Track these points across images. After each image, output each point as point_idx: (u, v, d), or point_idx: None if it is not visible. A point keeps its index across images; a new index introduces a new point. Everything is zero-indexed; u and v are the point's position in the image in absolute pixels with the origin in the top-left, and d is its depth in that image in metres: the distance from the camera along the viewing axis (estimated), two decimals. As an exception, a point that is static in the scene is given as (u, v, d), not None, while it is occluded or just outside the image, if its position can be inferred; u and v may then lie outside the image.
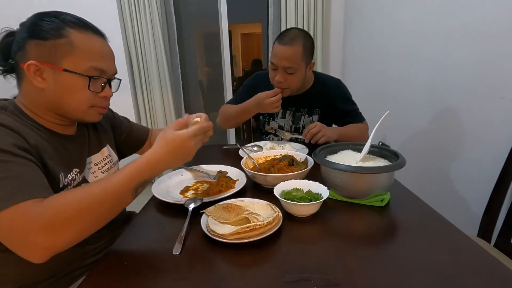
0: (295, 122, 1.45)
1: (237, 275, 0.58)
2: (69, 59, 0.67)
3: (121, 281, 0.56)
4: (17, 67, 0.69)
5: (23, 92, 0.71)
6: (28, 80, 0.67)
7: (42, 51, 0.65)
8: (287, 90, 1.30)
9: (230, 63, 2.60)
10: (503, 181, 1.10)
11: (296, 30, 1.27)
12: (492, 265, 0.57)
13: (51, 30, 0.66)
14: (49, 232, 0.53)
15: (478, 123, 1.29)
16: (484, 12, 1.24)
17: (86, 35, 0.69)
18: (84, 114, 0.73)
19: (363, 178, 0.79)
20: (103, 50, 0.72)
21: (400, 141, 1.81)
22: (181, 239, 0.66)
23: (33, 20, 0.68)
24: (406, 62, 1.76)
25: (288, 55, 1.22)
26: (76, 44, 0.67)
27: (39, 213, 0.53)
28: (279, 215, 0.71)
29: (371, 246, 0.66)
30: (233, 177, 0.98)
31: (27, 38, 0.66)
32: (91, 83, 0.69)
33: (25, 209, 0.53)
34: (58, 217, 0.54)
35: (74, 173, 0.74)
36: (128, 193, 0.62)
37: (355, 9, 2.36)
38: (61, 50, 0.66)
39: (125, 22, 2.28)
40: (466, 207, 1.36)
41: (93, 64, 0.69)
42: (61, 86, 0.68)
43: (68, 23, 0.67)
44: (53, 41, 0.66)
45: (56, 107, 0.70)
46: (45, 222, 0.53)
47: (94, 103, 0.73)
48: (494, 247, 1.06)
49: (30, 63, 0.65)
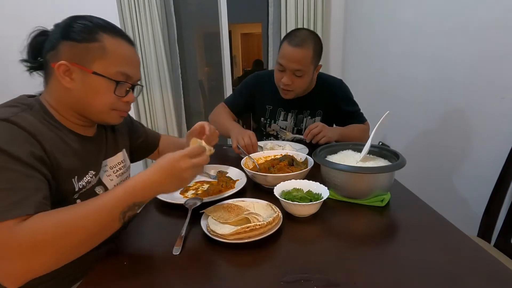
0: (297, 124, 1.44)
1: (237, 275, 0.58)
2: (99, 62, 0.69)
3: (121, 281, 0.56)
4: (46, 66, 0.71)
5: (50, 89, 0.72)
6: (56, 79, 0.69)
7: (74, 53, 0.67)
8: (291, 93, 1.28)
9: (230, 63, 2.59)
10: (503, 181, 1.10)
11: (306, 31, 1.24)
12: (492, 265, 0.57)
13: (86, 33, 0.68)
14: (22, 258, 0.51)
15: (478, 123, 1.29)
16: (484, 11, 1.23)
17: (117, 41, 0.71)
18: (106, 115, 0.75)
19: (363, 178, 0.79)
20: (131, 57, 0.74)
21: (400, 141, 1.81)
22: (181, 239, 0.66)
23: (68, 22, 0.70)
24: (406, 62, 1.76)
25: (298, 57, 1.18)
26: (108, 49, 0.69)
27: (14, 237, 0.51)
28: (279, 215, 0.71)
29: (371, 246, 0.66)
30: (233, 177, 0.98)
31: (61, 38, 0.68)
32: (117, 87, 0.71)
33: (2, 231, 0.51)
34: (33, 242, 0.51)
35: (90, 176, 0.75)
36: (115, 217, 0.58)
37: (355, 9, 2.36)
38: (93, 53, 0.68)
39: (125, 22, 2.27)
40: (466, 207, 1.36)
41: (121, 69, 0.71)
42: (88, 87, 0.70)
43: (102, 28, 0.70)
44: (86, 44, 0.68)
45: (79, 107, 0.72)
46: (19, 247, 0.51)
47: (116, 107, 0.74)
48: (494, 247, 1.06)
49: (61, 63, 0.66)
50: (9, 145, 0.56)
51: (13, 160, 0.56)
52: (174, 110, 2.50)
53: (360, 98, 1.50)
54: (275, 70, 1.29)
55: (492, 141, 1.23)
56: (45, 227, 0.53)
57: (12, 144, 0.57)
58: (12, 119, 0.60)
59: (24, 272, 0.52)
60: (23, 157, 0.57)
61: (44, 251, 0.52)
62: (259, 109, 1.47)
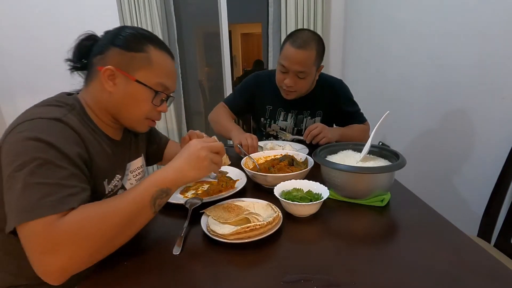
0: (297, 125, 1.43)
1: (237, 275, 0.58)
2: (143, 72, 0.72)
3: (121, 281, 0.56)
4: (91, 67, 0.74)
5: (90, 90, 0.74)
6: (99, 81, 0.71)
7: (122, 60, 0.71)
8: (294, 93, 1.28)
9: (230, 63, 2.60)
10: (503, 181, 1.10)
11: (309, 32, 1.23)
12: (492, 265, 0.57)
13: (135, 43, 0.72)
14: (63, 252, 0.52)
15: (478, 123, 1.29)
16: (484, 12, 1.23)
17: (162, 54, 0.75)
18: (138, 123, 0.78)
19: (363, 178, 0.79)
20: (172, 70, 0.79)
21: (400, 141, 1.81)
22: (181, 239, 0.66)
23: (120, 31, 0.74)
24: (406, 62, 1.76)
25: (301, 59, 1.18)
26: (153, 60, 0.73)
27: (56, 231, 0.52)
28: (279, 215, 0.71)
29: (371, 246, 0.66)
30: (233, 177, 0.98)
31: (110, 45, 0.71)
32: (155, 97, 0.75)
33: (45, 225, 0.52)
34: (72, 235, 0.53)
35: (117, 179, 0.78)
36: (146, 203, 0.60)
37: (355, 9, 2.36)
38: (138, 63, 0.72)
39: (125, 22, 2.27)
40: (466, 207, 1.36)
41: (161, 80, 0.74)
42: (129, 94, 0.73)
43: (149, 40, 0.74)
44: (133, 53, 0.71)
45: (115, 111, 0.75)
46: (60, 241, 0.52)
47: (150, 116, 0.78)
48: (494, 247, 1.06)
49: (108, 67, 0.69)
50: (61, 143, 0.59)
51: (63, 158, 0.58)
52: (174, 110, 2.50)
53: (360, 99, 1.50)
54: (277, 71, 1.28)
55: (492, 141, 1.23)
56: (84, 221, 0.54)
57: (64, 143, 0.59)
58: (64, 119, 0.63)
59: (62, 268, 0.52)
60: (72, 156, 0.60)
61: (83, 244, 0.53)
62: (259, 109, 1.46)
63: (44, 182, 0.54)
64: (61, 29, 2.24)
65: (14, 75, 2.38)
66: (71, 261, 0.53)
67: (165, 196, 0.63)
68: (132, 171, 0.87)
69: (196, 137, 0.97)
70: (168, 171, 0.64)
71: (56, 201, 0.53)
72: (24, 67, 2.36)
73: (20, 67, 2.36)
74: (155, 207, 0.62)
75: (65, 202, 0.54)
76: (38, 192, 0.53)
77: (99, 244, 0.55)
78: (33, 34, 2.29)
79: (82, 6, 2.26)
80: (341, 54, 2.59)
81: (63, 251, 0.52)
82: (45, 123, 0.60)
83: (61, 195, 0.54)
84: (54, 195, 0.54)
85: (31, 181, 0.53)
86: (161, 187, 0.62)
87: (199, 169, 0.66)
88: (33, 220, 0.51)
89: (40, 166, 0.55)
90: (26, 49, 2.32)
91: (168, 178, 0.63)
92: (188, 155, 0.65)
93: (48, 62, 2.28)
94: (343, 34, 2.53)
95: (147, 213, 0.61)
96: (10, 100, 2.42)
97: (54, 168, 0.56)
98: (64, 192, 0.55)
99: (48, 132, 0.59)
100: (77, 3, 2.26)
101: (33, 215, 0.52)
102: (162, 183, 0.62)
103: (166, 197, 0.64)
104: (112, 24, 2.32)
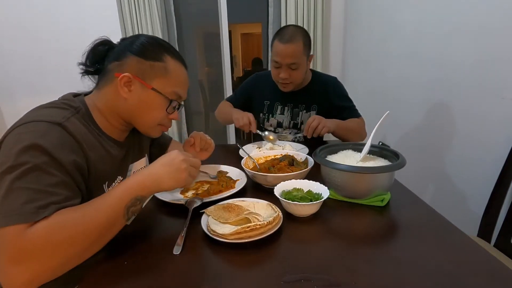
0: (293, 118, 1.49)
1: (237, 275, 0.58)
2: (159, 80, 0.74)
3: (121, 281, 0.56)
4: (106, 73, 0.74)
5: (103, 94, 0.75)
6: (114, 87, 0.72)
7: (140, 68, 0.72)
8: (290, 85, 1.36)
9: (230, 63, 2.60)
10: (503, 181, 1.10)
11: (293, 27, 1.32)
12: (492, 265, 0.57)
13: (153, 52, 0.74)
14: (30, 261, 0.50)
15: (478, 123, 1.29)
16: (484, 12, 1.23)
17: (178, 65, 0.77)
18: (151, 129, 0.79)
19: (364, 178, 0.79)
20: (185, 79, 0.80)
21: (400, 141, 1.81)
22: (182, 239, 0.66)
23: (138, 39, 0.75)
24: (406, 62, 1.76)
25: (291, 52, 1.26)
26: (170, 70, 0.75)
27: (24, 240, 0.50)
28: (280, 215, 0.71)
29: (371, 246, 0.66)
30: (233, 177, 0.98)
31: (129, 53, 0.73)
32: (169, 106, 0.77)
33: (14, 234, 0.50)
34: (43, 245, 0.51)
35: (118, 181, 0.78)
36: (120, 213, 0.59)
37: (355, 9, 2.36)
38: (156, 72, 0.73)
39: (125, 22, 2.28)
40: (466, 207, 1.36)
41: (176, 89, 0.77)
42: (144, 101, 0.74)
43: (167, 50, 0.76)
44: (152, 62, 0.73)
45: (129, 116, 0.76)
46: (28, 250, 0.50)
47: (162, 123, 0.80)
48: (494, 247, 1.06)
49: (125, 75, 0.70)
50: (56, 149, 0.58)
51: (55, 165, 0.57)
52: (174, 110, 2.50)
53: (360, 98, 1.50)
54: (272, 68, 1.37)
55: (492, 141, 1.23)
56: (52, 228, 0.53)
57: (60, 150, 0.59)
58: (64, 123, 0.63)
59: (28, 280, 0.51)
60: (65, 163, 0.59)
61: (51, 254, 0.52)
62: (258, 106, 1.53)
63: (29, 187, 0.53)
64: (61, 29, 2.24)
65: (14, 75, 2.39)
66: (38, 273, 0.51)
67: (138, 204, 0.62)
68: (134, 172, 0.87)
69: (200, 139, 0.99)
70: (145, 178, 0.63)
71: (38, 208, 0.52)
72: (24, 67, 2.36)
73: (20, 67, 2.36)
74: (128, 215, 0.61)
75: (47, 210, 0.53)
76: (21, 197, 0.52)
77: (69, 255, 0.54)
78: (33, 34, 2.29)
79: (82, 6, 2.26)
80: (341, 54, 2.59)
81: (30, 262, 0.50)
82: (44, 127, 0.60)
83: (44, 202, 0.53)
84: (37, 202, 0.53)
85: (16, 186, 0.53)
86: (136, 195, 0.61)
87: (177, 180, 0.66)
88: (7, 226, 0.50)
89: (29, 171, 0.54)
90: (26, 49, 2.32)
91: (145, 185, 0.62)
92: (168, 165, 0.65)
93: (48, 62, 2.29)
94: (343, 34, 2.53)
95: (120, 222, 0.60)
96: (10, 100, 2.42)
97: (43, 175, 0.55)
98: (47, 200, 0.54)
99: (44, 137, 0.58)
100: (77, 3, 2.26)
101: (8, 221, 0.50)
102: (138, 191, 0.61)
103: (140, 205, 0.63)
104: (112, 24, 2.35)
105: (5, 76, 2.37)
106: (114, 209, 0.58)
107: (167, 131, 0.87)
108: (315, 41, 2.43)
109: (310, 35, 2.44)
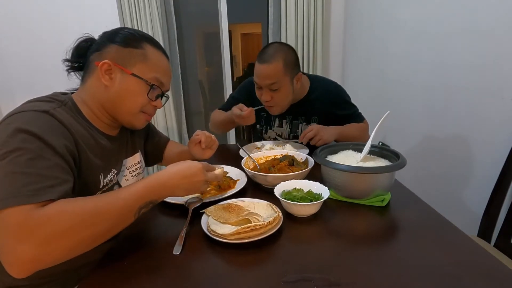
0: (293, 130, 1.41)
1: (237, 275, 0.58)
2: (139, 66, 0.75)
3: (121, 281, 0.56)
4: (88, 64, 0.76)
5: (87, 86, 0.76)
6: (96, 77, 0.74)
7: (119, 55, 0.74)
8: (275, 108, 1.27)
9: (230, 63, 2.59)
10: (503, 181, 1.10)
11: (275, 45, 1.23)
12: (492, 265, 0.57)
13: (133, 40, 0.76)
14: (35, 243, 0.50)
15: (478, 123, 1.29)
16: (484, 12, 1.23)
17: (157, 52, 0.79)
18: (133, 117, 0.79)
19: (364, 178, 0.79)
20: (167, 67, 0.82)
21: (401, 141, 1.81)
22: (182, 239, 0.66)
23: (119, 30, 0.78)
24: (406, 63, 1.76)
25: (268, 73, 1.18)
26: (149, 56, 0.76)
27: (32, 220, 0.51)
28: (280, 215, 0.71)
29: (371, 246, 0.66)
30: (233, 177, 0.98)
31: (108, 42, 0.75)
32: (150, 91, 0.77)
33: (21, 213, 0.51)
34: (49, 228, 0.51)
35: (112, 174, 0.78)
36: (132, 212, 0.61)
37: (355, 9, 2.36)
38: (135, 58, 0.75)
39: (125, 22, 2.27)
40: (466, 207, 1.36)
41: (157, 75, 0.77)
42: (124, 87, 0.75)
43: (146, 39, 0.78)
44: (131, 49, 0.75)
45: (111, 105, 0.76)
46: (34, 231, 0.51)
47: (145, 110, 0.80)
48: (494, 247, 1.06)
49: (105, 62, 0.72)
50: (47, 134, 0.59)
51: (48, 149, 0.58)
52: (174, 110, 2.50)
53: (360, 99, 1.50)
54: (255, 88, 1.30)
55: (492, 141, 1.23)
56: (63, 215, 0.53)
57: (50, 134, 0.60)
58: (52, 112, 0.64)
59: (34, 258, 0.51)
60: (57, 147, 0.60)
61: (60, 238, 0.52)
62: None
63: (25, 171, 0.54)
64: (61, 29, 2.24)
65: (14, 75, 2.38)
66: (44, 252, 0.51)
67: (150, 206, 0.65)
68: (128, 167, 0.87)
69: (205, 137, 0.99)
70: (164, 183, 0.65)
71: (35, 191, 0.53)
72: (24, 67, 2.36)
73: (20, 67, 2.36)
74: (139, 214, 0.63)
75: (44, 193, 0.54)
76: (18, 181, 0.53)
77: (76, 242, 0.54)
78: (33, 34, 2.29)
79: (82, 6, 2.26)
80: (341, 54, 2.59)
81: (38, 241, 0.50)
82: (33, 115, 0.61)
83: (41, 186, 0.54)
84: (34, 185, 0.53)
85: (12, 170, 0.54)
86: (151, 199, 0.64)
87: (189, 191, 0.69)
88: (9, 207, 0.51)
89: (22, 156, 0.55)
90: (26, 49, 2.32)
91: (161, 192, 0.65)
92: (189, 181, 0.68)
93: (48, 62, 2.28)
94: (343, 34, 2.53)
95: (130, 220, 0.61)
96: (10, 100, 2.42)
97: (37, 159, 0.56)
98: (44, 183, 0.55)
99: (34, 123, 0.59)
100: (77, 3, 2.26)
101: (8, 203, 0.51)
102: (153, 195, 0.64)
103: (150, 207, 0.65)
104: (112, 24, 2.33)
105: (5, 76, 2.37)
106: (129, 209, 0.60)
107: (151, 120, 0.87)
108: (315, 42, 2.42)
109: (310, 35, 2.46)
